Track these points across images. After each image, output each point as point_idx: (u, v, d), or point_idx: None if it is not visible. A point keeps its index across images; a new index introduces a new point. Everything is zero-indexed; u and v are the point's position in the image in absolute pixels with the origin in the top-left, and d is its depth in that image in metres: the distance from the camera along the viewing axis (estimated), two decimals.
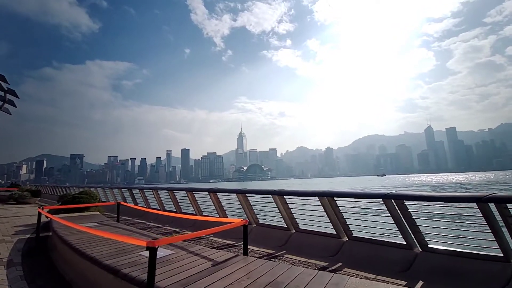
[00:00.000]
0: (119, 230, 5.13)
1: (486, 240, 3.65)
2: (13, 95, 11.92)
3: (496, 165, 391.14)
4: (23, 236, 6.90)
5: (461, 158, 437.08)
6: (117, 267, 2.87)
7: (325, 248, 4.88)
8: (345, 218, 4.82)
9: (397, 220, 4.16)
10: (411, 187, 51.55)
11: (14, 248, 5.69)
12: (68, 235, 4.56)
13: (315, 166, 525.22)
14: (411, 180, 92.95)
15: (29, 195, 16.14)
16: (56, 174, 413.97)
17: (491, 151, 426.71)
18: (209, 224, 7.16)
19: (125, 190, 11.83)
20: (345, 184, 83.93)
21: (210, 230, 3.19)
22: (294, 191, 5.50)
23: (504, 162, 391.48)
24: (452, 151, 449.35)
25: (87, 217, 6.81)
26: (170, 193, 8.82)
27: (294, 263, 4.48)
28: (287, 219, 5.65)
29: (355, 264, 4.22)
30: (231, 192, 6.81)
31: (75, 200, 8.18)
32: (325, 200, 4.94)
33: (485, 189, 38.22)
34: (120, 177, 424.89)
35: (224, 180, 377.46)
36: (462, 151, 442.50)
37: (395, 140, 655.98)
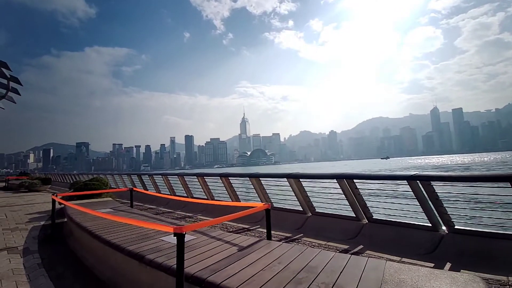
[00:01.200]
0: (135, 215, 5.09)
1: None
2: (16, 82, 11.71)
3: (502, 146, 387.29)
4: (37, 224, 6.94)
5: (466, 140, 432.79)
6: (141, 252, 2.80)
7: (344, 231, 4.80)
8: (365, 201, 4.70)
9: (422, 202, 4.02)
10: (416, 169, 51.38)
11: (29, 236, 5.71)
12: (85, 221, 4.52)
13: (318, 150, 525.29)
14: (416, 162, 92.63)
15: (39, 183, 16.32)
16: (63, 162, 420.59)
17: (497, 132, 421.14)
18: (222, 209, 7.15)
19: (134, 176, 11.84)
20: (348, 167, 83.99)
21: (234, 215, 3.08)
22: (310, 174, 5.37)
23: (510, 143, 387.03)
24: (457, 132, 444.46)
25: (101, 203, 6.81)
26: (181, 179, 8.77)
27: (313, 246, 4.42)
28: (303, 202, 5.56)
29: (377, 247, 4.14)
30: (244, 176, 6.71)
31: (87, 187, 8.18)
32: (343, 183, 4.81)
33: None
34: (126, 164, 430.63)
35: (228, 165, 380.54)
36: (468, 132, 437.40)
37: (399, 122, 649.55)
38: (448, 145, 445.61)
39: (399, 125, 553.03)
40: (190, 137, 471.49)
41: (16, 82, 11.69)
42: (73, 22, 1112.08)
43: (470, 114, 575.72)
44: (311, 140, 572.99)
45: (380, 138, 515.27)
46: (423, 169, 51.71)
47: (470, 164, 56.70)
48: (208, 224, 2.74)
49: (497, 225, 3.73)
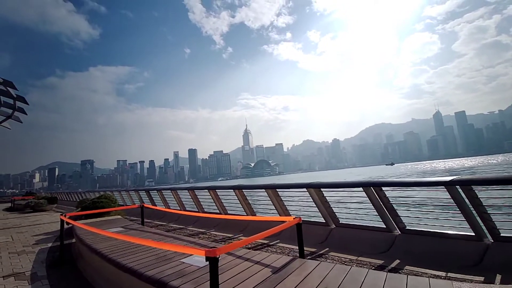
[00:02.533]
0: (149, 234, 4.77)
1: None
2: (22, 102, 11.68)
3: (508, 147, 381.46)
4: (45, 246, 6.63)
5: (471, 142, 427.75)
6: (163, 278, 2.48)
7: (373, 244, 4.42)
8: (395, 210, 4.34)
9: (463, 209, 3.67)
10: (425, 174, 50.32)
11: (37, 260, 5.39)
12: (96, 242, 4.21)
13: (322, 158, 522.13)
14: (424, 168, 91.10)
15: (45, 202, 16.06)
16: (68, 181, 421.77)
17: (502, 133, 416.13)
18: (238, 224, 6.79)
19: (142, 192, 11.55)
20: (353, 175, 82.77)
21: (267, 232, 2.76)
22: (332, 183, 5.04)
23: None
24: (462, 135, 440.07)
25: (110, 221, 6.50)
26: (191, 193, 8.46)
27: (343, 261, 4.05)
28: (325, 213, 5.21)
29: (415, 261, 3.75)
30: (259, 188, 6.38)
31: (95, 205, 7.88)
32: (370, 191, 4.48)
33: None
34: (130, 180, 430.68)
35: (232, 177, 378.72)
36: (472, 135, 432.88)
37: (402, 128, 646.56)
38: (453, 148, 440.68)
39: (402, 131, 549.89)
40: (193, 151, 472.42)
41: (23, 101, 11.66)
42: (77, 44, 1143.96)
43: (474, 116, 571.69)
44: (315, 149, 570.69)
45: (383, 144, 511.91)
46: (433, 173, 50.67)
47: (479, 167, 55.51)
48: (242, 244, 2.42)
49: None
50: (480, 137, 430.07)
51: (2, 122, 14.05)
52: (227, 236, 6.24)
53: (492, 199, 3.81)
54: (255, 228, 6.39)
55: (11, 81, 9.98)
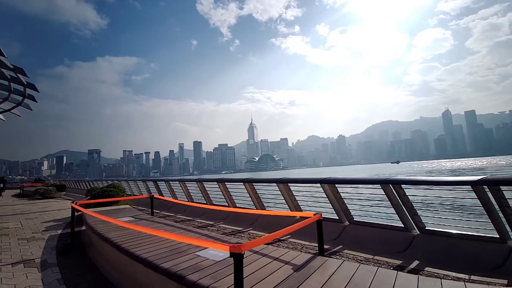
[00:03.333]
0: (160, 225, 4.72)
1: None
2: (33, 89, 11.70)
3: None
4: (55, 232, 6.66)
5: (481, 142, 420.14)
6: (180, 272, 2.40)
7: (390, 243, 4.29)
8: (415, 209, 4.19)
9: (488, 210, 3.50)
10: (430, 173, 49.60)
11: (46, 246, 5.40)
12: (108, 231, 4.17)
13: (327, 154, 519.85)
14: (431, 167, 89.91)
15: (54, 189, 16.28)
16: (76, 169, 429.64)
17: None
18: (247, 217, 6.71)
19: (150, 183, 11.57)
20: (357, 172, 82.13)
21: (289, 229, 2.64)
22: (349, 179, 4.89)
23: None
24: (471, 135, 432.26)
25: (120, 211, 6.49)
26: (200, 185, 8.41)
27: (360, 260, 3.93)
28: (339, 210, 5.08)
29: (436, 263, 3.61)
30: (270, 182, 6.28)
31: (105, 194, 7.91)
32: (389, 188, 4.33)
33: None
34: (136, 171, 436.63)
35: (236, 171, 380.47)
36: (482, 135, 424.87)
37: (410, 125, 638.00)
38: (461, 148, 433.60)
39: (409, 129, 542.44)
40: (198, 143, 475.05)
41: (33, 88, 11.68)
42: (85, 33, 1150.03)
43: (484, 116, 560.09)
44: (320, 145, 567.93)
45: (390, 142, 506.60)
46: (439, 173, 49.92)
47: (487, 168, 54.50)
48: (265, 241, 2.31)
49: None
50: (490, 137, 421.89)
51: (12, 109, 14.16)
52: (236, 230, 6.17)
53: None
54: (265, 222, 6.32)
55: (22, 68, 9.96)
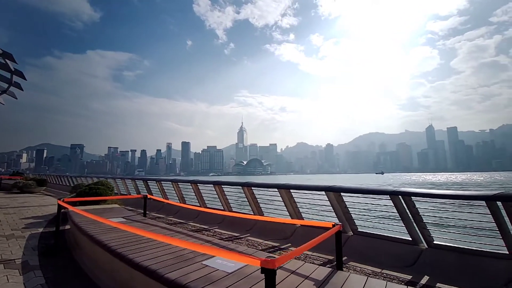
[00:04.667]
0: (157, 228, 4.40)
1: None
2: (20, 76, 11.05)
3: (496, 166, 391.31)
4: (35, 231, 6.18)
5: (461, 158, 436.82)
6: (189, 284, 2.14)
7: (397, 256, 4.15)
8: (424, 222, 4.09)
9: (500, 226, 3.43)
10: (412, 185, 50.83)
11: (27, 246, 4.96)
12: (100, 233, 3.83)
13: (315, 162, 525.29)
14: (412, 179, 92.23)
15: (34, 184, 15.40)
16: (56, 164, 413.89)
17: (491, 152, 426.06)
18: (242, 222, 6.45)
19: (139, 181, 11.09)
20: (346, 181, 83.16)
21: (313, 242, 2.44)
22: (355, 188, 4.75)
23: (503, 163, 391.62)
24: (452, 151, 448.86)
25: (109, 210, 6.09)
26: (194, 186, 8.08)
27: (368, 274, 3.76)
28: (343, 219, 4.92)
29: (446, 278, 3.50)
30: (271, 187, 6.06)
31: (92, 191, 7.44)
32: (398, 200, 4.21)
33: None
34: (120, 168, 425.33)
35: (224, 173, 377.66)
36: (462, 151, 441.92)
37: (396, 138, 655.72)
38: (442, 163, 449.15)
39: (395, 141, 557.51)
40: (186, 144, 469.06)
41: (20, 76, 11.03)
42: (77, 25, 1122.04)
43: (465, 133, 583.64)
44: (308, 152, 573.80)
45: (376, 153, 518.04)
46: (420, 185, 51.19)
47: (465, 184, 56.34)
48: (296, 254, 2.09)
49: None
50: (469, 154, 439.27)
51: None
52: (233, 235, 5.90)
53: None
54: (262, 228, 6.09)
55: (11, 53, 9.39)
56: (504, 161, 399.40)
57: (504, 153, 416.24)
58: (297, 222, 5.53)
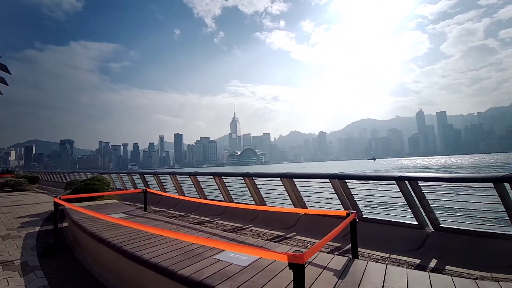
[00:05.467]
0: (160, 223, 4.28)
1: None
2: (4, 71, 10.50)
3: (483, 148, 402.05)
4: (32, 230, 5.98)
5: (450, 142, 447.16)
6: (206, 281, 2.05)
7: (403, 241, 4.16)
8: (431, 206, 4.08)
9: (507, 207, 3.44)
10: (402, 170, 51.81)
11: (25, 246, 4.78)
12: (102, 230, 3.69)
13: (308, 150, 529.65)
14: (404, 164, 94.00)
15: (26, 182, 15.00)
16: (46, 160, 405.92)
17: (479, 134, 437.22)
18: (244, 213, 6.39)
19: (136, 175, 10.88)
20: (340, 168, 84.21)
21: (335, 232, 2.36)
22: (360, 175, 4.73)
23: (491, 146, 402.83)
24: (441, 135, 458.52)
25: (108, 206, 5.92)
26: (193, 179, 7.95)
27: (377, 259, 3.76)
28: (348, 206, 4.90)
29: (454, 261, 3.51)
30: (273, 176, 5.99)
31: (88, 187, 7.23)
32: (404, 185, 4.19)
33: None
34: (113, 163, 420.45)
35: (218, 164, 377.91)
36: (451, 135, 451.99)
37: (387, 124, 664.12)
38: (432, 147, 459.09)
39: (386, 127, 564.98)
40: (179, 136, 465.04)
41: (5, 70, 10.48)
42: (59, 15, 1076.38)
43: (454, 117, 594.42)
44: (301, 141, 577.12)
45: (368, 139, 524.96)
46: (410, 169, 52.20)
47: (452, 167, 57.77)
48: (321, 246, 2.00)
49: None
50: (458, 137, 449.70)
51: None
52: (236, 226, 5.85)
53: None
54: (266, 218, 6.05)
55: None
56: (491, 143, 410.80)
57: (492, 135, 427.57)
58: (301, 211, 5.48)
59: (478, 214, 3.98)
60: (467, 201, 4.06)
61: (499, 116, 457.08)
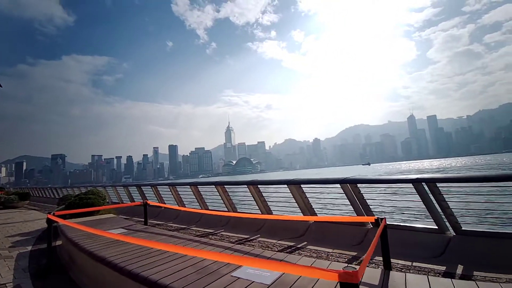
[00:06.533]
0: (164, 237, 3.97)
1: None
2: None
3: (474, 151, 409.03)
4: (24, 249, 5.58)
5: (442, 145, 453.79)
6: None
7: (424, 247, 3.93)
8: (451, 208, 3.88)
9: None
10: None
11: (17, 268, 4.40)
12: (101, 248, 3.37)
13: (304, 157, 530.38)
14: (398, 167, 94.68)
15: (16, 198, 14.38)
16: (38, 176, 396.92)
17: (469, 137, 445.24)
18: (249, 223, 6.10)
19: (132, 188, 10.49)
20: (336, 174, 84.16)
21: (373, 245, 2.11)
22: (373, 179, 4.51)
23: (481, 147, 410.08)
24: (433, 138, 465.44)
25: (105, 221, 5.57)
26: (194, 189, 7.64)
27: (400, 268, 3.51)
28: (361, 212, 4.66)
29: (481, 265, 3.29)
30: (279, 183, 5.73)
31: (83, 202, 6.86)
32: (421, 187, 4.00)
33: None
34: (106, 176, 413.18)
35: (213, 174, 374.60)
36: (442, 138, 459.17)
37: (379, 129, 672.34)
38: (425, 150, 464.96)
39: (379, 132, 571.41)
40: (174, 147, 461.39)
41: None
42: (50, 30, 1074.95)
43: (444, 121, 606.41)
44: (296, 148, 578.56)
45: (362, 144, 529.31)
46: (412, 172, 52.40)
47: (447, 168, 58.24)
48: (368, 259, 1.75)
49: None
50: (449, 140, 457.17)
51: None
52: (243, 237, 5.54)
53: None
54: (272, 227, 5.76)
55: None
56: (482, 145, 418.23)
57: (482, 137, 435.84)
58: (311, 218, 5.25)
59: (501, 215, 3.79)
60: (488, 202, 3.87)
61: (488, 119, 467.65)
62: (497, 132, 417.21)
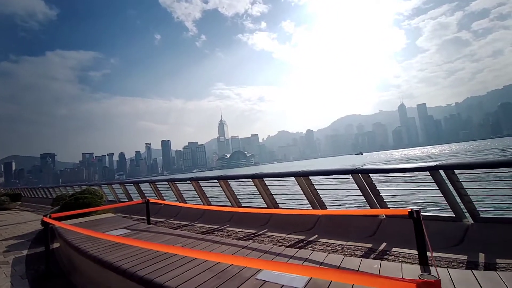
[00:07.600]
0: (172, 237, 3.74)
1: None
2: None
3: (463, 137, 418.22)
4: (19, 254, 5.27)
5: (431, 133, 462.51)
6: None
7: (442, 236, 3.80)
8: (469, 195, 3.76)
9: None
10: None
11: (14, 274, 4.12)
12: (104, 252, 3.12)
13: (297, 149, 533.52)
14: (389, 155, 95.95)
15: (8, 199, 13.87)
16: (27, 176, 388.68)
17: (458, 124, 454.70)
18: (255, 217, 5.91)
19: (129, 185, 10.16)
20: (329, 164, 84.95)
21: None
22: (386, 168, 4.36)
23: (470, 134, 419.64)
24: (423, 126, 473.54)
25: (104, 221, 5.29)
26: (195, 184, 7.39)
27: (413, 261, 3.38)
28: (373, 202, 4.52)
29: (503, 253, 3.19)
30: (286, 176, 5.54)
31: (79, 202, 6.54)
32: (438, 175, 3.86)
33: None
34: (98, 174, 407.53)
35: (207, 169, 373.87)
36: (432, 126, 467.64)
37: (371, 119, 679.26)
38: (415, 138, 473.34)
39: (371, 122, 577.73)
40: (167, 142, 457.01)
41: None
42: (33, 25, 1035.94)
43: (433, 108, 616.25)
44: (289, 140, 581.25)
45: (354, 134, 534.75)
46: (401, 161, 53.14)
47: (436, 155, 59.33)
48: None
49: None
50: (438, 127, 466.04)
51: None
52: (250, 233, 5.36)
53: None
54: (280, 221, 5.59)
55: None
56: (470, 132, 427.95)
57: (470, 124, 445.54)
58: (320, 212, 5.10)
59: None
60: (507, 187, 3.77)
61: (476, 105, 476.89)
62: (485, 119, 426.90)
